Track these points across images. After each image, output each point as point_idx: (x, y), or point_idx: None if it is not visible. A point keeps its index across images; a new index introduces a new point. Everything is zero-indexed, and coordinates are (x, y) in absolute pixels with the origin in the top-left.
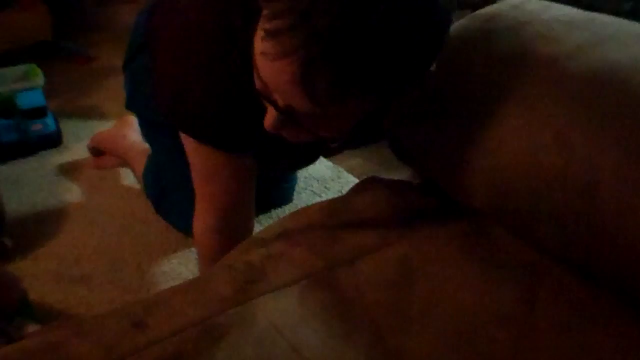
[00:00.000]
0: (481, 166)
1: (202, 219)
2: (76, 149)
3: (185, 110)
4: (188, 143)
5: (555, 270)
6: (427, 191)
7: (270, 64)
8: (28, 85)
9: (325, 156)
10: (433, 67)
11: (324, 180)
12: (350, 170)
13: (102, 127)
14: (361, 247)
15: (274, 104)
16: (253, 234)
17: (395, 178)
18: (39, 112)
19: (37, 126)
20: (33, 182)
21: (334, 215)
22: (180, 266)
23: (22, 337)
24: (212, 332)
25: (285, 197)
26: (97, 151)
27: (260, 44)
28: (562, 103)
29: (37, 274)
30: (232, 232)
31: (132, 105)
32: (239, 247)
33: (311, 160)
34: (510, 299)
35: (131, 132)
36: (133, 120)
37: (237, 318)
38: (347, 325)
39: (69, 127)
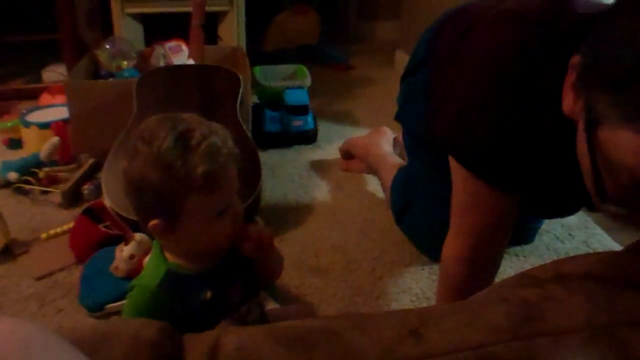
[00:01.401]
0: None
1: (454, 246)
2: (327, 149)
3: (465, 139)
4: (457, 169)
5: None
6: None
7: None
8: (296, 84)
9: (590, 210)
10: None
11: (569, 226)
12: (598, 222)
13: (352, 133)
14: None
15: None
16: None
17: None
18: (302, 110)
19: (298, 122)
20: (287, 173)
21: (614, 270)
22: (412, 281)
23: (263, 311)
24: None
25: (527, 236)
26: (347, 154)
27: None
28: None
29: None
30: (480, 265)
31: (401, 116)
32: (508, 280)
33: (576, 211)
34: None
35: (384, 143)
36: (388, 132)
37: (516, 353)
38: None
39: (322, 128)
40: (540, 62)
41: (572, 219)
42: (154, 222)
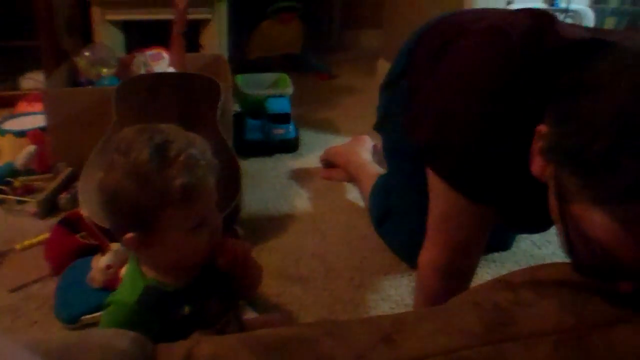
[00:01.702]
0: None
1: (430, 254)
2: (309, 158)
3: (443, 152)
4: (434, 180)
5: None
6: None
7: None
8: (278, 92)
9: None
10: None
11: (546, 233)
12: None
13: (334, 141)
14: (614, 313)
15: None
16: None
17: None
18: (283, 118)
19: (279, 130)
20: (268, 181)
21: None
22: (391, 288)
23: (242, 322)
24: None
25: (505, 243)
26: (328, 163)
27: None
28: None
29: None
30: (455, 273)
31: (381, 126)
32: (482, 285)
33: (549, 227)
34: None
35: (364, 151)
36: (367, 140)
37: (486, 357)
38: None
39: (304, 136)
40: (521, 79)
41: None
42: (129, 235)
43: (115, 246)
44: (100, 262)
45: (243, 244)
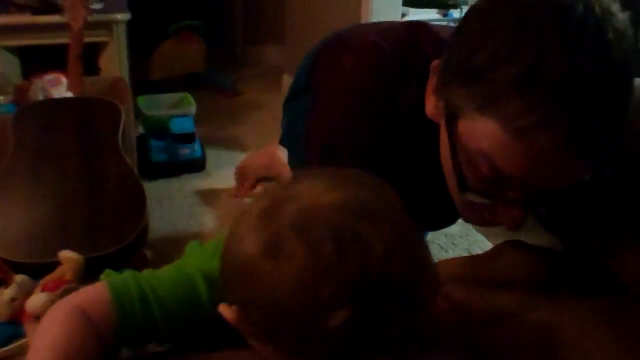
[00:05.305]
0: None
1: None
2: (217, 176)
3: (337, 157)
4: None
5: None
6: (570, 260)
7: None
8: (181, 112)
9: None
10: None
11: (452, 236)
12: (479, 230)
13: (242, 158)
14: (502, 308)
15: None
16: None
17: (532, 243)
18: (188, 138)
19: (185, 150)
20: (176, 202)
21: (476, 273)
22: None
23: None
24: None
25: None
26: (243, 174)
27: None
28: None
29: None
30: None
31: (285, 141)
32: None
33: (453, 222)
34: None
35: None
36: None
37: None
38: None
39: (211, 155)
40: (396, 83)
41: (454, 228)
42: None
43: (19, 278)
44: (4, 294)
45: None
